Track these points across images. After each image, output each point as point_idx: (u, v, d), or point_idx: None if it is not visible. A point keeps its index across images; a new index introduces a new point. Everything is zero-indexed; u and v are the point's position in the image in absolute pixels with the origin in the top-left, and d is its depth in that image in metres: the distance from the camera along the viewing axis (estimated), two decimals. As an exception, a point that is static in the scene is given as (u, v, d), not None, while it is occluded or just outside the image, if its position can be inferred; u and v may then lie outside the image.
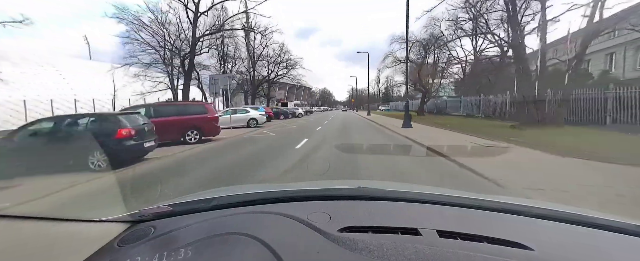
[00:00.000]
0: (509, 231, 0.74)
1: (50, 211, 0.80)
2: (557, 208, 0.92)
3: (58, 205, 3.92)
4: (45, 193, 4.29)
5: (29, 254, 0.63)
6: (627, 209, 3.16)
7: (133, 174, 5.64)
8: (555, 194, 3.60)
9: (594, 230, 0.79)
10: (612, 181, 4.12)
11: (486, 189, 3.97)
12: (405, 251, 0.61)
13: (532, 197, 3.46)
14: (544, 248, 0.65)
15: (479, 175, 4.62)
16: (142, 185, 4.75)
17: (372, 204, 0.96)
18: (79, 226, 0.78)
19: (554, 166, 5.15)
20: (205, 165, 6.18)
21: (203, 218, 0.85)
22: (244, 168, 5.74)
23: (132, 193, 4.16)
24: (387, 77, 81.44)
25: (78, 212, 0.80)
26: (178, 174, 5.40)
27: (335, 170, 5.22)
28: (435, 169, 5.27)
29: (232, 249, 0.65)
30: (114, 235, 0.79)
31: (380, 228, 0.74)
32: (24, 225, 0.69)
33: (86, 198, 4.22)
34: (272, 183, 4.29)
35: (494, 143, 7.76)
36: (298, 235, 0.71)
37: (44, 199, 4.09)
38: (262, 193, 1.13)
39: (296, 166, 5.70)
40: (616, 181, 4.08)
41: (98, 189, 4.67)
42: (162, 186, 4.58)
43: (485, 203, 0.97)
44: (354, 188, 1.15)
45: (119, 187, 4.72)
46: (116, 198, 3.81)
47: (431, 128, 13.49)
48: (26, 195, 4.44)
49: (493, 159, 5.92)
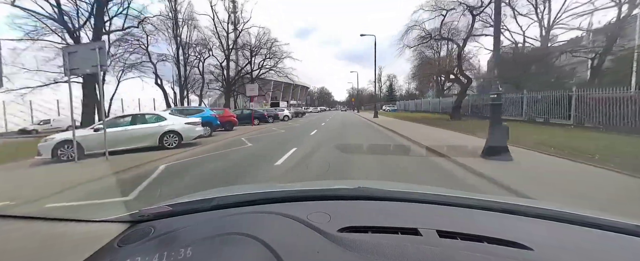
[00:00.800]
0: (509, 231, 0.74)
1: (50, 211, 0.78)
2: (557, 208, 0.92)
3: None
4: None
5: (28, 254, 0.63)
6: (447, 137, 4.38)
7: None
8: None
9: (594, 230, 0.79)
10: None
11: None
12: (405, 251, 0.62)
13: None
14: (544, 248, 0.65)
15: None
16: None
17: (372, 204, 0.97)
18: (79, 226, 0.77)
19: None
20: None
21: (203, 218, 0.87)
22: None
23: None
24: (389, 76, 77.39)
25: (78, 212, 0.81)
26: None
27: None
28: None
29: (232, 249, 0.65)
30: (114, 235, 0.79)
31: (380, 228, 0.75)
32: (24, 225, 0.68)
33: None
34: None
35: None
36: (298, 235, 0.71)
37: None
38: (262, 193, 1.13)
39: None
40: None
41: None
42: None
43: (485, 203, 0.97)
44: (354, 188, 1.14)
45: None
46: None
47: (566, 162, 5.35)
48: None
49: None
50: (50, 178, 5.57)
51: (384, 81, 78.26)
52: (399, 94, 73.90)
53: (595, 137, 8.49)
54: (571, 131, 10.15)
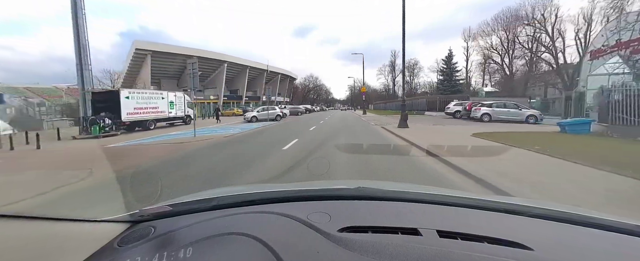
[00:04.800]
0: (509, 231, 0.74)
1: (50, 210, 0.79)
2: (557, 208, 0.92)
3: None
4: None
5: (28, 254, 0.63)
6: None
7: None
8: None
9: (594, 230, 0.79)
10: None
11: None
12: (405, 251, 0.62)
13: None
14: (544, 248, 0.65)
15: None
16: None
17: (372, 205, 0.96)
18: (79, 226, 0.77)
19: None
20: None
21: (203, 218, 0.86)
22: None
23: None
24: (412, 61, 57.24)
25: (78, 212, 0.80)
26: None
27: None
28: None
29: (232, 249, 0.65)
30: (114, 235, 0.79)
31: (380, 228, 0.75)
32: (23, 224, 0.68)
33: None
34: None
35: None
36: (298, 235, 0.71)
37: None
38: (262, 193, 1.13)
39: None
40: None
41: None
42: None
43: (485, 203, 0.97)
44: (354, 188, 1.13)
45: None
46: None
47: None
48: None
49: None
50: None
51: (412, 64, 59.41)
52: (420, 90, 57.69)
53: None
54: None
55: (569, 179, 4.09)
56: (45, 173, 5.77)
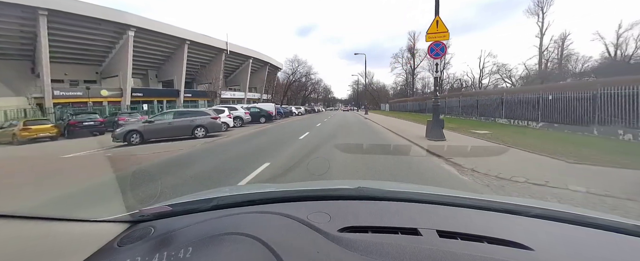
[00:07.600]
0: (509, 231, 0.74)
1: (50, 210, 0.77)
2: (557, 208, 0.92)
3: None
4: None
5: (28, 254, 0.63)
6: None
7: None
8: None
9: (594, 230, 0.79)
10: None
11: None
12: (405, 251, 0.62)
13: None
14: (544, 248, 0.65)
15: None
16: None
17: (372, 205, 0.96)
18: (79, 226, 0.77)
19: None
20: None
21: (203, 218, 0.86)
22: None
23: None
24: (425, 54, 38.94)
25: (78, 212, 0.80)
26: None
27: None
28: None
29: (232, 249, 0.65)
30: (114, 235, 0.80)
31: (380, 228, 0.75)
32: (23, 224, 0.68)
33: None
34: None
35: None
36: (298, 235, 0.71)
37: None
38: (262, 193, 1.13)
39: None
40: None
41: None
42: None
43: (485, 203, 0.97)
44: (354, 188, 1.13)
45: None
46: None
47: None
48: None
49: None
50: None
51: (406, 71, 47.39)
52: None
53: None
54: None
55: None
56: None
